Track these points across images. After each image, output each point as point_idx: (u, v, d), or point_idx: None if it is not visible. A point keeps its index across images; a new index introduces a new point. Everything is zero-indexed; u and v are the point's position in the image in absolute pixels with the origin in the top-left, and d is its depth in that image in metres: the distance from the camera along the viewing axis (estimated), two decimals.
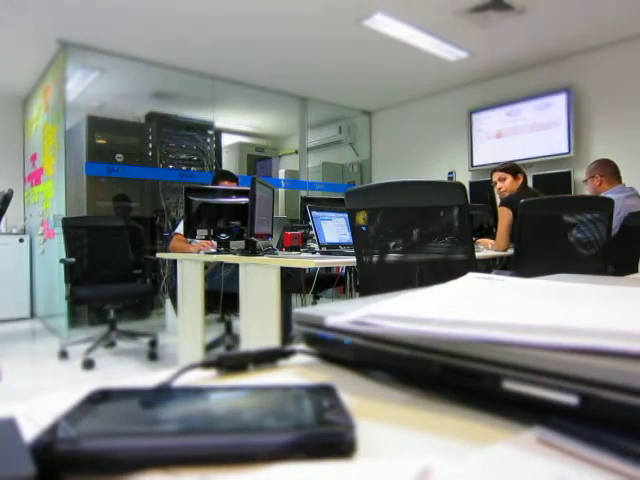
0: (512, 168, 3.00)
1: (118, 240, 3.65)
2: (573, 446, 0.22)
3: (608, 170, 3.06)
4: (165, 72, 4.56)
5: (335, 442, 0.22)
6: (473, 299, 0.41)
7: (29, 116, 5.19)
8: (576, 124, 4.30)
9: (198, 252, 2.66)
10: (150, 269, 3.72)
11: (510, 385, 0.26)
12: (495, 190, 3.07)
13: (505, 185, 2.98)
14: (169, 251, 3.08)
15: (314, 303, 3.38)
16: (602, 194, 2.97)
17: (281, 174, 6.19)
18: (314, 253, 2.45)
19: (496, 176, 3.03)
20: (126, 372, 3.00)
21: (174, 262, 2.89)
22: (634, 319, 0.31)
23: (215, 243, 2.72)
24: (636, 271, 2.77)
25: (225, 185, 3.26)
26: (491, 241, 2.85)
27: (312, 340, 0.38)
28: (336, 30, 3.87)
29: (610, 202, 2.15)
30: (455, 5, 3.48)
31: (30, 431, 0.22)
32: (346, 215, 2.28)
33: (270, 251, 2.36)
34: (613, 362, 0.23)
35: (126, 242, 3.66)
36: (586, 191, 3.23)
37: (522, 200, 2.27)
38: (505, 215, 2.70)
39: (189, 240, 2.90)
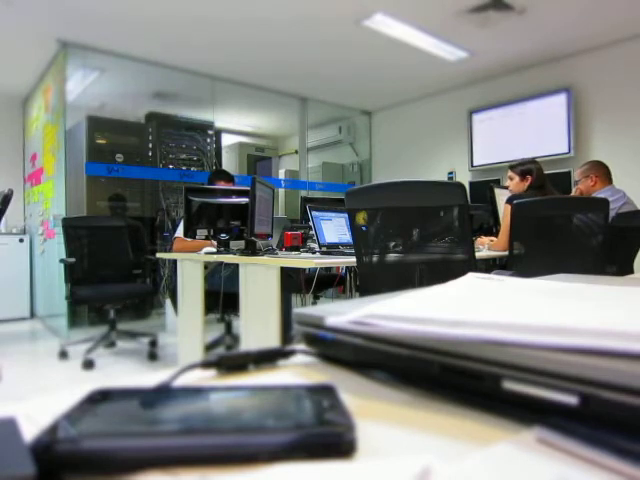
0: (520, 169, 2.94)
1: (118, 240, 3.65)
2: (573, 446, 0.22)
3: (601, 171, 3.09)
4: (165, 72, 4.56)
5: (335, 442, 0.22)
6: (473, 299, 0.41)
7: (29, 116, 5.19)
8: (576, 124, 4.30)
9: (200, 250, 2.65)
10: (150, 269, 3.72)
11: (510, 385, 0.26)
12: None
13: (512, 185, 2.96)
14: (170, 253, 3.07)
15: (314, 303, 3.38)
16: (595, 194, 2.98)
17: (281, 174, 6.19)
18: (314, 253, 2.45)
19: (507, 173, 3.01)
20: (126, 372, 3.00)
21: (174, 262, 2.89)
22: (634, 319, 0.31)
23: (215, 243, 2.72)
24: (632, 271, 2.78)
25: (221, 185, 3.25)
26: (488, 239, 2.84)
27: (312, 340, 0.38)
28: (336, 30, 3.87)
29: (606, 202, 2.15)
30: (455, 5, 3.48)
31: (30, 431, 0.22)
32: (346, 215, 2.28)
33: (270, 251, 2.36)
34: (613, 362, 0.23)
35: (126, 242, 3.66)
36: (575, 192, 3.23)
37: (515, 201, 2.26)
38: (508, 213, 2.69)
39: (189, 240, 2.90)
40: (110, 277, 3.50)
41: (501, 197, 3.03)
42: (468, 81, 5.01)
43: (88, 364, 3.01)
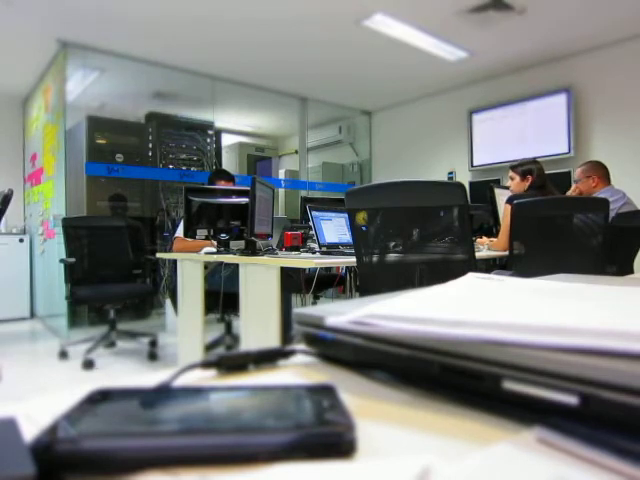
0: (521, 169, 2.94)
1: (118, 240, 3.65)
2: (573, 446, 0.22)
3: (601, 172, 3.10)
4: (165, 72, 4.56)
5: (335, 442, 0.22)
6: (473, 299, 0.41)
7: (29, 116, 5.19)
8: (576, 124, 4.30)
9: (200, 250, 2.65)
10: (150, 269, 3.72)
11: (510, 385, 0.26)
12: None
13: (513, 185, 2.97)
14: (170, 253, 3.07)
15: (314, 303, 3.38)
16: (595, 194, 2.99)
17: (281, 174, 6.19)
18: (314, 253, 2.45)
19: (508, 173, 3.02)
20: (126, 372, 3.00)
21: (174, 262, 2.89)
22: (634, 319, 0.31)
23: (215, 243, 2.72)
24: (632, 271, 2.78)
25: (221, 184, 3.25)
26: (487, 240, 2.84)
27: (312, 340, 0.38)
28: (336, 30, 3.87)
29: (606, 202, 2.15)
30: (455, 5, 3.48)
31: (30, 431, 0.22)
32: (346, 215, 2.28)
33: (270, 251, 2.36)
34: (613, 362, 0.23)
35: (126, 242, 3.66)
36: (574, 191, 3.23)
37: (516, 201, 2.26)
38: (508, 213, 2.69)
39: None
40: (110, 277, 3.50)
41: (501, 197, 3.03)
42: (468, 81, 5.01)
43: (88, 364, 3.01)
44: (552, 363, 0.24)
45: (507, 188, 3.08)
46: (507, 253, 2.65)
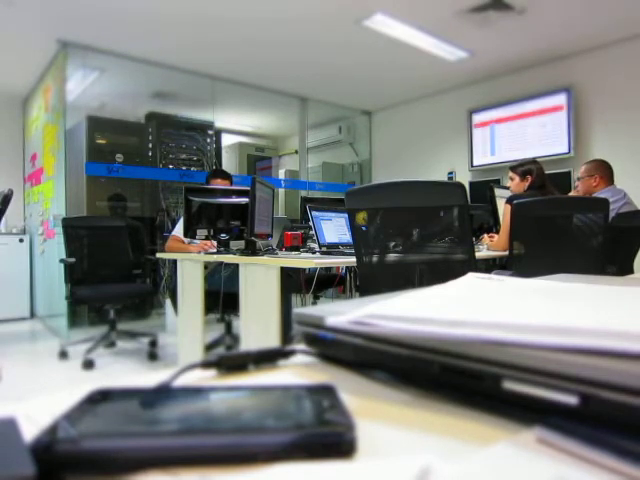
0: (520, 170, 2.95)
1: (118, 240, 3.65)
2: (573, 446, 0.22)
3: (606, 172, 3.08)
4: (165, 72, 4.56)
5: (335, 442, 0.22)
6: (473, 299, 0.41)
7: (29, 116, 5.19)
8: (576, 124, 4.30)
9: (199, 252, 2.66)
10: (150, 269, 3.72)
11: (510, 385, 0.26)
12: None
13: (512, 185, 2.97)
14: (165, 252, 3.07)
15: (314, 303, 3.38)
16: (595, 194, 2.98)
17: (281, 174, 6.19)
18: (314, 253, 2.45)
19: (508, 174, 3.03)
20: (126, 372, 3.00)
21: (174, 262, 2.89)
22: (634, 319, 0.31)
23: (215, 243, 2.72)
24: (632, 271, 2.78)
25: (218, 183, 3.25)
26: (488, 238, 2.84)
27: (312, 340, 0.38)
28: (336, 30, 3.87)
29: (606, 202, 2.15)
30: (455, 5, 3.48)
31: (30, 431, 0.22)
32: (346, 215, 2.28)
33: (270, 251, 2.36)
34: (613, 362, 0.23)
35: (126, 242, 3.66)
36: (575, 188, 3.23)
37: (515, 201, 2.26)
38: (508, 213, 2.69)
39: (188, 241, 2.90)
40: (110, 277, 3.50)
41: (501, 197, 3.03)
42: (468, 81, 5.01)
43: (88, 364, 3.01)
44: (552, 363, 0.24)
45: (507, 188, 3.08)
46: (507, 253, 2.65)
